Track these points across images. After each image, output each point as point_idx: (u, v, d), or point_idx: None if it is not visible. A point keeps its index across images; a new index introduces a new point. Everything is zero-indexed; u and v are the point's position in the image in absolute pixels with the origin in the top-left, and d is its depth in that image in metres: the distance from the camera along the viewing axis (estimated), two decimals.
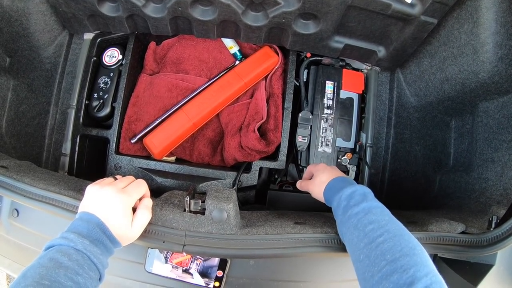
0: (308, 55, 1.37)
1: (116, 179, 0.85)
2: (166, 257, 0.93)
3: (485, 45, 1.02)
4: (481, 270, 0.72)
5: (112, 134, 1.30)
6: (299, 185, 1.11)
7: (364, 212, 0.81)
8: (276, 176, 1.39)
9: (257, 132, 1.25)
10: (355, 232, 0.78)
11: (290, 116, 1.30)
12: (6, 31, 1.14)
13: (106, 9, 1.21)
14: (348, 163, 1.34)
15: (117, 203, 0.76)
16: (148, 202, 0.83)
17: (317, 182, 1.01)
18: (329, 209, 1.20)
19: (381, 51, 1.26)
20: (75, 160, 1.34)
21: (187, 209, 0.81)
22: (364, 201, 0.84)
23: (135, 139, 1.30)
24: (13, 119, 1.20)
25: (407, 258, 0.67)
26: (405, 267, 0.65)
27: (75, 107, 1.36)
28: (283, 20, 1.12)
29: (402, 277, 0.64)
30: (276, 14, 1.10)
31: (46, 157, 1.37)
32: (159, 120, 1.32)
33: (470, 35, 1.06)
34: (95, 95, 1.36)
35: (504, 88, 1.03)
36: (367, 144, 1.38)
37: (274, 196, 1.29)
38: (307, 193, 1.33)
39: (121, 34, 1.37)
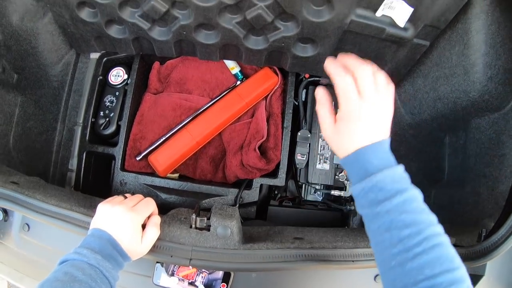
0: (307, 76, 1.42)
1: (125, 197, 0.90)
2: (173, 271, 0.97)
3: (475, 66, 1.06)
4: (472, 280, 0.76)
5: (117, 152, 1.34)
6: (319, 95, 0.85)
7: (399, 211, 0.67)
8: (276, 192, 1.43)
9: (257, 150, 1.30)
10: (386, 234, 0.68)
11: (290, 134, 1.34)
12: (15, 49, 1.18)
13: (113, 31, 1.25)
14: (346, 180, 1.38)
15: (127, 221, 0.81)
16: (157, 219, 0.87)
17: (339, 141, 0.76)
18: (326, 224, 1.24)
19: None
20: (81, 176, 1.37)
21: (193, 225, 0.86)
22: (398, 194, 0.68)
23: (140, 157, 1.34)
24: (20, 135, 1.23)
25: (448, 275, 0.62)
26: (445, 285, 0.61)
27: (81, 124, 1.41)
28: (283, 44, 1.17)
29: None
30: (276, 38, 1.15)
31: (53, 173, 1.40)
32: (164, 138, 1.37)
33: (461, 56, 1.10)
34: (101, 113, 1.40)
35: (494, 105, 1.06)
36: None
37: (274, 212, 1.34)
38: (308, 208, 1.38)
39: (126, 54, 1.42)
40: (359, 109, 0.74)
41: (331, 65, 0.81)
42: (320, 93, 0.85)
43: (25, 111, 1.26)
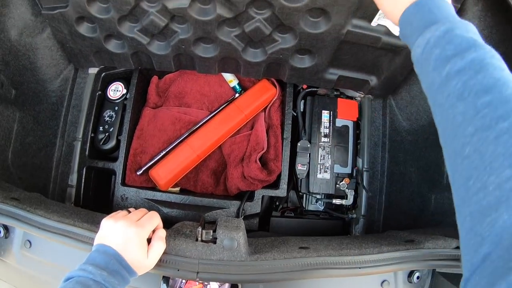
0: (305, 86, 1.44)
1: (129, 212, 0.90)
2: (180, 286, 0.96)
3: None
4: None
5: (118, 166, 1.34)
6: None
7: (475, 70, 0.50)
8: (277, 203, 1.44)
9: (258, 162, 1.30)
10: (459, 104, 0.50)
11: (290, 145, 1.35)
12: (13, 64, 1.18)
13: (112, 46, 1.27)
14: (346, 188, 1.39)
15: (132, 236, 0.80)
16: (162, 233, 0.87)
17: (389, 1, 0.68)
18: (329, 233, 1.22)
19: (373, 80, 1.32)
20: (82, 191, 1.37)
21: (199, 238, 0.86)
22: (472, 48, 0.52)
23: (141, 171, 1.34)
24: (19, 151, 1.23)
25: None
26: None
27: (81, 139, 1.41)
28: (281, 56, 1.19)
29: None
30: (274, 50, 1.17)
31: (53, 188, 1.39)
32: (164, 152, 1.37)
33: None
34: (101, 128, 1.40)
35: None
36: (364, 169, 1.43)
37: (277, 223, 1.35)
38: (310, 218, 1.38)
39: (125, 69, 1.43)
40: None
41: None
42: None
43: (24, 126, 1.26)
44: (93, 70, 1.45)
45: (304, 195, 1.42)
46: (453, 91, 0.51)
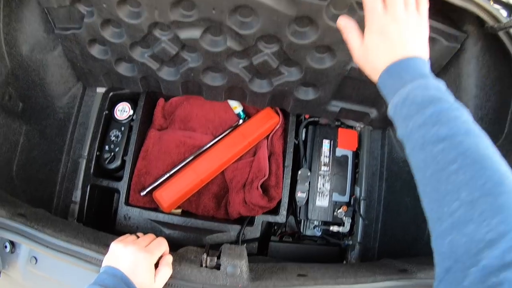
0: (307, 116, 1.49)
1: (138, 237, 0.93)
2: None
3: (466, 107, 1.13)
4: None
5: (122, 186, 1.37)
6: (343, 24, 0.79)
7: (432, 123, 0.59)
8: (275, 228, 1.47)
9: (260, 189, 1.34)
10: (420, 153, 0.59)
11: (290, 173, 1.39)
12: (23, 78, 1.20)
13: (122, 69, 1.30)
14: (344, 216, 1.42)
15: (141, 260, 0.83)
16: (170, 259, 0.90)
17: (368, 59, 0.74)
18: (325, 258, 1.26)
19: (373, 113, 1.37)
20: (85, 208, 1.39)
21: (203, 264, 0.89)
22: (431, 104, 0.61)
23: (145, 192, 1.37)
24: (24, 164, 1.23)
25: (489, 199, 0.49)
26: (486, 215, 0.48)
27: (86, 157, 1.43)
28: (286, 88, 1.24)
29: (481, 230, 0.47)
30: (280, 82, 1.22)
31: (56, 203, 1.40)
32: (168, 175, 1.40)
33: None
34: (107, 147, 1.43)
35: None
36: (361, 197, 1.46)
37: (275, 248, 1.38)
38: (307, 243, 1.41)
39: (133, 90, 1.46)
40: (384, 21, 0.71)
41: None
42: (342, 20, 0.80)
43: (30, 140, 1.26)
44: (101, 89, 1.48)
45: (303, 220, 1.45)
46: (416, 144, 0.60)
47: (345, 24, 0.79)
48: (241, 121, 1.50)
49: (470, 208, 0.49)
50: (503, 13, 0.97)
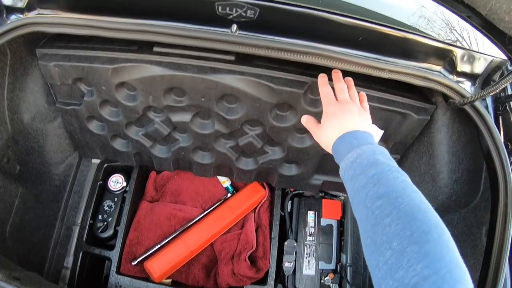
0: (292, 189, 1.56)
1: None
2: None
3: (440, 173, 1.19)
4: None
5: (114, 255, 1.39)
6: (304, 121, 0.97)
7: (373, 183, 0.66)
8: None
9: (248, 261, 1.38)
10: (363, 210, 0.65)
11: (277, 244, 1.44)
12: (22, 144, 1.25)
13: (118, 144, 1.37)
14: (331, 283, 1.45)
15: None
16: None
17: (324, 134, 0.87)
18: None
19: None
20: (76, 274, 1.40)
21: None
22: (373, 167, 0.69)
23: (136, 262, 1.40)
24: (18, 225, 1.24)
25: (416, 247, 0.54)
26: (412, 262, 0.53)
27: (79, 224, 1.46)
28: (270, 165, 1.32)
29: (408, 275, 0.52)
30: (264, 161, 1.30)
31: (48, 268, 1.41)
32: (159, 246, 1.44)
33: (428, 166, 1.23)
34: (100, 216, 1.47)
35: (462, 202, 1.17)
36: (347, 264, 1.50)
37: None
38: None
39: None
40: (335, 107, 0.86)
41: (320, 79, 0.95)
42: (304, 119, 0.97)
43: (25, 203, 1.28)
44: (96, 160, 1.55)
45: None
46: (360, 201, 0.67)
47: (306, 118, 0.96)
48: (229, 194, 1.57)
49: (400, 256, 0.54)
50: (467, 84, 1.06)
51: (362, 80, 1.08)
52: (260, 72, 1.04)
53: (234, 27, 0.94)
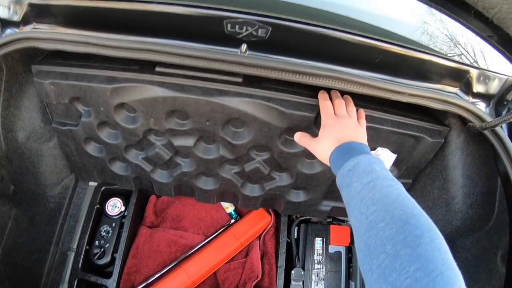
0: (298, 215, 1.49)
1: None
2: None
3: (455, 197, 1.15)
4: None
5: (111, 284, 1.34)
6: (298, 138, 0.97)
7: (368, 189, 0.68)
8: None
9: None
10: (358, 215, 0.66)
11: (284, 273, 1.37)
12: (16, 164, 1.20)
13: (116, 168, 1.31)
14: None
15: None
16: None
17: (322, 145, 0.88)
18: None
19: None
20: None
21: None
22: (369, 175, 0.70)
23: None
24: (10, 248, 1.20)
25: (408, 250, 0.55)
26: (405, 264, 0.54)
27: (75, 250, 1.40)
28: (277, 192, 1.26)
29: (400, 278, 0.53)
30: (271, 187, 1.24)
31: None
32: (159, 274, 1.37)
33: (442, 190, 1.18)
34: (97, 242, 1.41)
35: (476, 227, 1.13)
36: None
37: None
38: None
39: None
40: (334, 120, 0.89)
41: (320, 94, 0.97)
42: (297, 136, 0.97)
43: (18, 225, 1.24)
44: (93, 183, 1.49)
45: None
46: (355, 207, 0.68)
47: (299, 135, 0.96)
48: (232, 220, 1.51)
49: (393, 259, 0.55)
50: (481, 105, 1.02)
51: (374, 103, 1.04)
52: (269, 94, 0.98)
53: (244, 47, 0.88)
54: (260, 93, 0.98)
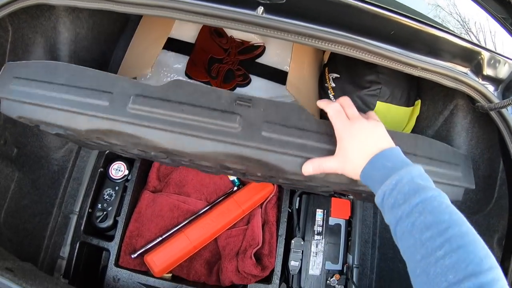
0: None
1: None
2: None
3: None
4: None
5: (113, 247, 1.35)
6: (309, 171, 0.84)
7: (419, 212, 0.66)
8: None
9: (253, 258, 1.33)
10: (410, 239, 0.66)
11: (284, 242, 1.39)
12: (20, 126, 1.19)
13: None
14: (337, 284, 1.41)
15: None
16: None
17: (349, 166, 0.80)
18: None
19: (365, 192, 1.37)
20: (72, 265, 1.36)
21: None
22: (417, 194, 0.68)
23: (136, 255, 1.36)
24: (13, 211, 1.21)
25: (473, 279, 0.56)
26: None
27: (77, 213, 1.41)
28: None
29: None
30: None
31: (43, 257, 1.37)
32: (160, 238, 1.39)
33: None
34: (99, 205, 1.42)
35: (475, 209, 1.15)
36: (354, 265, 1.45)
37: None
38: None
39: None
40: (351, 128, 0.81)
41: (321, 102, 0.90)
42: (307, 168, 0.85)
43: (21, 188, 1.24)
44: None
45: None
46: (405, 230, 0.67)
47: (308, 167, 0.84)
48: (235, 188, 1.51)
49: (457, 287, 0.56)
50: (490, 88, 1.01)
51: None
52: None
53: (261, 9, 0.86)
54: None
